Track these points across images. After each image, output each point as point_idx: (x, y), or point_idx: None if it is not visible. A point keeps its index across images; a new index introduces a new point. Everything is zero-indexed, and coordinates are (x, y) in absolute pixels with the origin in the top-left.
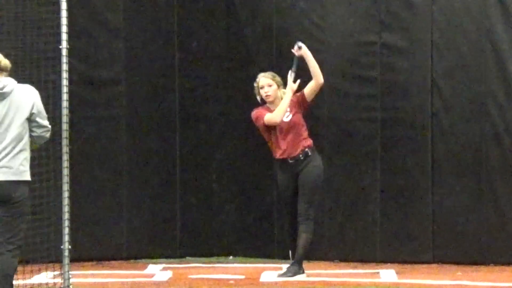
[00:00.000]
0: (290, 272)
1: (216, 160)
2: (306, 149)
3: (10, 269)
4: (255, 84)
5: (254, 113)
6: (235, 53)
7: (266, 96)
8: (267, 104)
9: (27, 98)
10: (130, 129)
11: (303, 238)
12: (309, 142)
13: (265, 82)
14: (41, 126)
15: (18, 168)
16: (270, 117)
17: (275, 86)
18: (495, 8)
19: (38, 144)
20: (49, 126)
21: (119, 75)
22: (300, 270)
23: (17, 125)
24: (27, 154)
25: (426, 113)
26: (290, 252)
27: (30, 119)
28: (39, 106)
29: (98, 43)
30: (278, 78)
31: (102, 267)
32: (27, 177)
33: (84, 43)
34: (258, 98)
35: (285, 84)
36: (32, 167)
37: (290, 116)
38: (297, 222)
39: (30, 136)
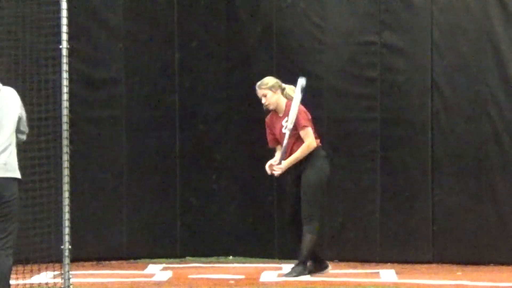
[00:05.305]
0: (295, 272)
1: (216, 160)
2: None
3: (5, 269)
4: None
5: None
6: (235, 53)
7: (266, 106)
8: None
9: (14, 99)
10: (130, 129)
11: (307, 239)
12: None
13: (260, 93)
14: (21, 132)
15: (11, 164)
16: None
17: (270, 93)
18: (495, 8)
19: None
20: (27, 130)
21: (119, 75)
22: (305, 271)
23: (10, 123)
24: (15, 152)
25: (426, 113)
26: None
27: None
28: (23, 112)
29: (98, 43)
30: (271, 83)
31: (102, 267)
32: (19, 175)
33: (84, 43)
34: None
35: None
36: (32, 167)
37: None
38: (299, 222)
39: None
